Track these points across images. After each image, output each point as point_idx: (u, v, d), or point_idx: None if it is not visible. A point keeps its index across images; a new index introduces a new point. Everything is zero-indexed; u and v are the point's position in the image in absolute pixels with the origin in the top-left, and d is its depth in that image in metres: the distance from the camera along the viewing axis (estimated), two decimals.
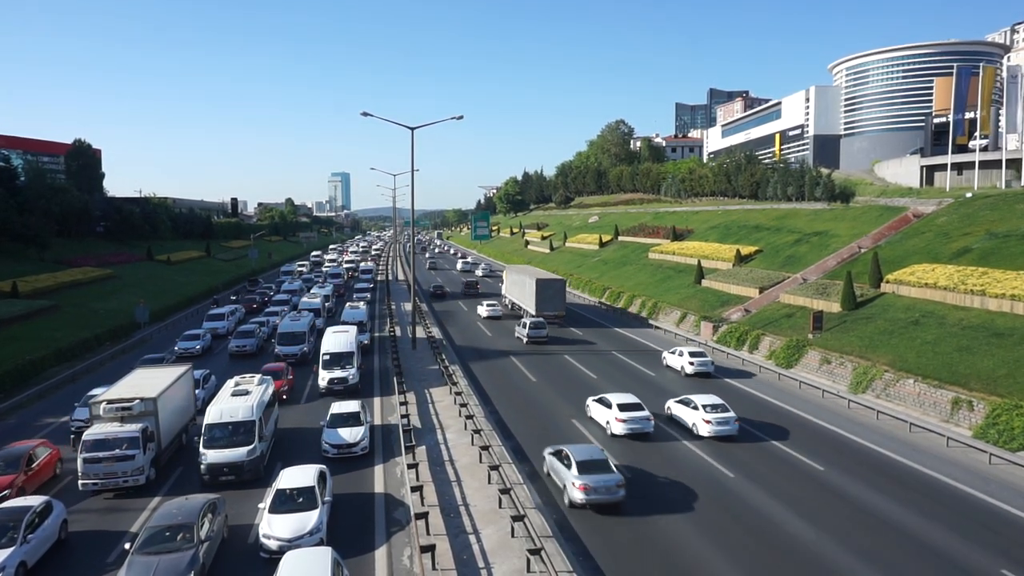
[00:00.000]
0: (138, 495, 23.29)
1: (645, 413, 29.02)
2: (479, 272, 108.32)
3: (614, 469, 22.08)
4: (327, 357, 36.44)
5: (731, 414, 29.00)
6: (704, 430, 28.74)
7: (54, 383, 38.65)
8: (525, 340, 50.34)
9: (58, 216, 79.68)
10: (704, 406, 29.35)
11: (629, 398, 30.13)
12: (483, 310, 62.62)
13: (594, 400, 31.61)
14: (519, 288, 64.22)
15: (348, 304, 54.94)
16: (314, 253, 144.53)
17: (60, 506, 20.40)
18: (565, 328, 55.76)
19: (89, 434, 23.34)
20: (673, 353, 42.05)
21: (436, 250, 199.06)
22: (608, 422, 29.40)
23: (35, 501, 19.67)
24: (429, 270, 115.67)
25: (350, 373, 35.80)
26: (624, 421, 28.59)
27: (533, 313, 57.75)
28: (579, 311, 66.02)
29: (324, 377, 35.73)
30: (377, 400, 35.37)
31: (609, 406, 29.63)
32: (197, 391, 32.07)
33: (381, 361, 44.16)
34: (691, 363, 39.82)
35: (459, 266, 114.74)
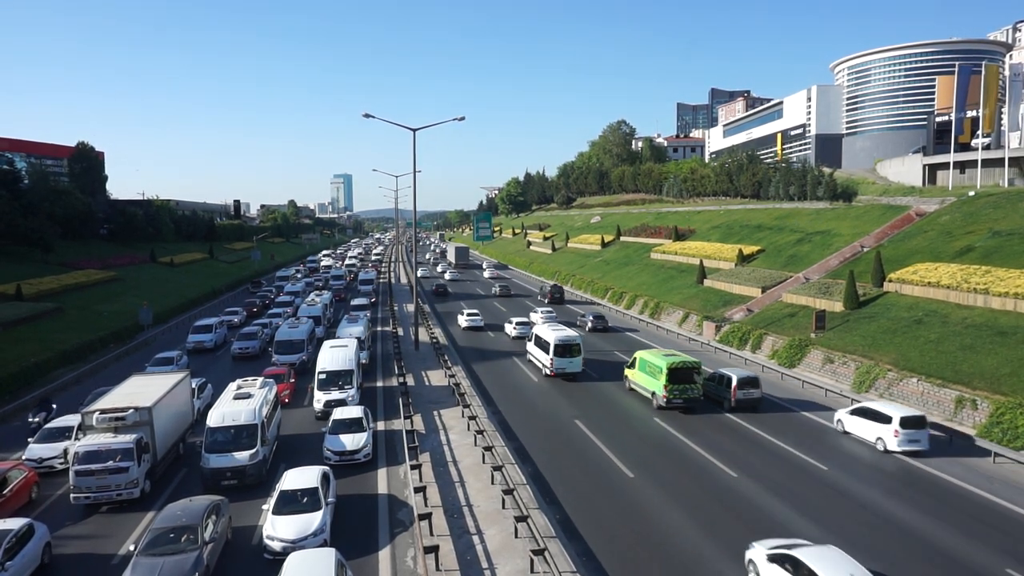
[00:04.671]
0: (132, 510, 22.49)
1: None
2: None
3: None
4: (323, 376, 32.99)
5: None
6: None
7: (58, 385, 38.74)
8: (448, 276, 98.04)
9: (62, 219, 79.90)
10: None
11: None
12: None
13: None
14: (451, 252, 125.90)
15: (345, 317, 49.52)
16: (310, 258, 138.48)
17: (43, 528, 19.35)
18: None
19: (81, 445, 22.66)
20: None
21: (427, 243, 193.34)
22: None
23: (15, 524, 18.53)
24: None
25: (349, 394, 32.44)
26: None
27: (453, 263, 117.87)
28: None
29: (320, 399, 32.21)
30: (380, 401, 35.42)
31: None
32: (194, 400, 31.12)
33: (384, 368, 44.13)
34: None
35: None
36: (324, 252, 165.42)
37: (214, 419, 24.77)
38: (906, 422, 26.88)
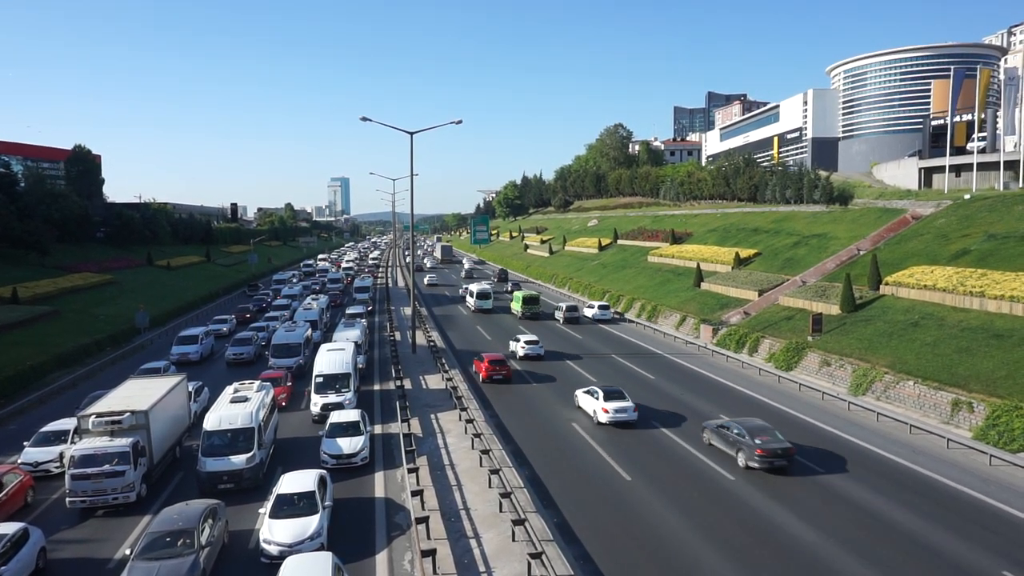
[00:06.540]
0: (128, 514, 22.37)
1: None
2: None
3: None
4: (320, 379, 32.99)
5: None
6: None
7: (55, 388, 38.61)
8: (429, 264, 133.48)
9: (58, 222, 79.78)
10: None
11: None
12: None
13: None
14: (437, 250, 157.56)
15: (342, 321, 49.78)
16: (306, 262, 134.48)
17: (37, 533, 19.22)
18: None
19: (77, 449, 22.60)
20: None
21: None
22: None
23: (9, 529, 18.40)
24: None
25: (346, 398, 32.33)
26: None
27: (440, 258, 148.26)
28: None
29: (317, 402, 32.16)
30: (377, 404, 35.37)
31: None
32: (191, 404, 30.95)
33: (381, 372, 44.07)
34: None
35: None
36: (320, 256, 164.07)
37: (211, 422, 24.71)
38: (601, 307, 61.86)
